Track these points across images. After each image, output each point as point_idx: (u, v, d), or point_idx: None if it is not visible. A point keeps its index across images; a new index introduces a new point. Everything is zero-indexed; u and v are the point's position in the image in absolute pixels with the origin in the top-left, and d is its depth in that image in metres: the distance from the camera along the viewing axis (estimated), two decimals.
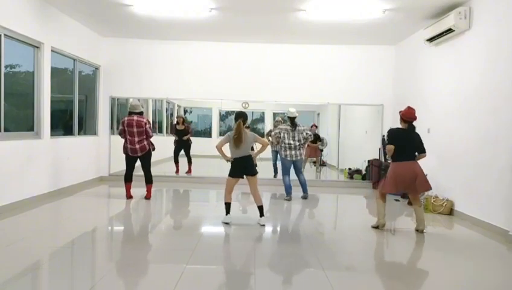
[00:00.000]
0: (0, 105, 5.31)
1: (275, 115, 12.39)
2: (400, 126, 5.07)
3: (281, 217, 6.08)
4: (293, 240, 4.71)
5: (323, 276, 3.43)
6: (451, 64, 6.23)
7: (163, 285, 3.15)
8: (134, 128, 6.19)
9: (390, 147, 4.89)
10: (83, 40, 7.66)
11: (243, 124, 4.92)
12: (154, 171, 6.67)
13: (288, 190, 6.90)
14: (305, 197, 7.00)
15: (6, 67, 5.52)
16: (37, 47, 6.18)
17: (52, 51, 6.49)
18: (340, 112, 9.42)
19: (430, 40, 6.56)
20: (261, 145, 5.19)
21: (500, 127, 4.99)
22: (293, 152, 6.81)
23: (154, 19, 7.03)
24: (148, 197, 6.45)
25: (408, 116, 4.92)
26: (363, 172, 8.95)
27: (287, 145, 6.80)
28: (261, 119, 13.67)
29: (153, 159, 6.68)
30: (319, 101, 9.20)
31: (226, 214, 5.05)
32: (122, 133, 6.30)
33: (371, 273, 3.73)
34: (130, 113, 6.29)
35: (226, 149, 5.03)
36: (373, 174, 8.52)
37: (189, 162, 9.18)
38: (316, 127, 10.56)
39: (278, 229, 5.32)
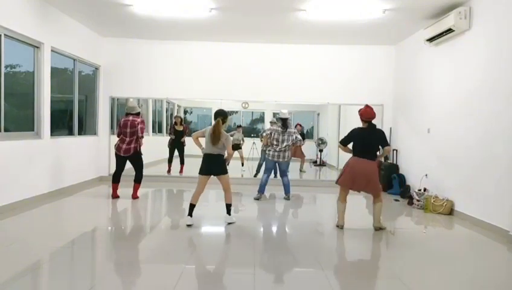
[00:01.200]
0: (0, 105, 5.31)
1: (274, 115, 12.42)
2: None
3: (281, 216, 6.08)
4: (293, 240, 4.71)
5: (322, 276, 3.43)
6: (451, 65, 6.23)
7: (163, 285, 3.15)
8: (128, 129, 6.20)
9: (341, 146, 5.03)
10: (83, 40, 7.66)
11: (222, 123, 4.85)
12: (152, 171, 6.68)
13: (261, 188, 6.90)
14: (287, 198, 6.94)
15: (6, 67, 5.52)
16: (37, 47, 6.18)
17: (52, 51, 6.49)
18: (340, 112, 9.42)
19: (430, 40, 6.56)
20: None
21: (500, 127, 4.99)
22: (277, 153, 6.78)
23: (154, 19, 7.03)
24: (135, 197, 6.43)
25: (366, 115, 4.88)
26: None
27: (273, 146, 6.79)
28: (261, 119, 13.69)
29: (152, 159, 6.70)
30: (319, 101, 9.19)
31: (188, 215, 4.93)
32: (120, 135, 6.32)
33: (371, 273, 3.73)
34: (127, 114, 6.32)
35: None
36: None
37: (182, 162, 9.34)
38: (301, 126, 10.68)
39: (278, 229, 5.33)
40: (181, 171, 9.30)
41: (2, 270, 3.33)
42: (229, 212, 5.08)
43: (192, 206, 4.94)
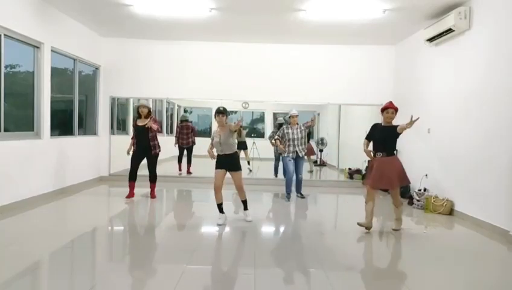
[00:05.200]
0: (0, 105, 5.31)
1: (275, 115, 12.40)
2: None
3: (281, 216, 6.08)
4: (293, 240, 4.71)
5: (323, 276, 3.43)
6: (451, 64, 6.23)
7: (163, 285, 3.15)
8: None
9: None
10: (83, 40, 7.66)
11: None
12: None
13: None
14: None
15: (6, 67, 5.52)
16: (37, 47, 6.18)
17: (52, 51, 6.49)
18: (340, 112, 9.41)
19: (430, 40, 6.56)
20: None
21: (500, 127, 4.99)
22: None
23: (154, 19, 7.03)
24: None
25: None
26: (363, 172, 8.94)
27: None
28: (261, 119, 13.68)
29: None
30: (319, 101, 9.19)
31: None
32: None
33: (371, 273, 3.73)
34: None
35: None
36: None
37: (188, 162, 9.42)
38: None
39: (278, 229, 5.33)
40: (188, 171, 9.29)
41: (2, 270, 3.32)
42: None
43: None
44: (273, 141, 7.22)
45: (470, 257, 4.23)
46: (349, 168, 9.31)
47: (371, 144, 5.10)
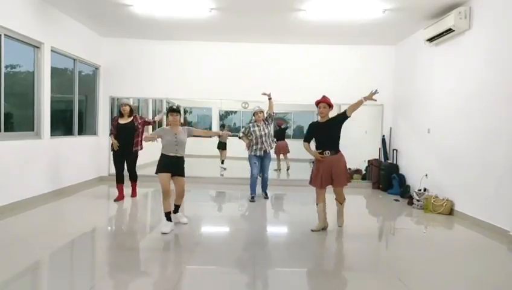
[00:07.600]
0: (0, 105, 5.32)
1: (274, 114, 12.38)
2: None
3: (280, 217, 6.08)
4: (293, 240, 4.71)
5: (322, 276, 3.43)
6: (451, 64, 6.23)
7: (163, 285, 3.15)
8: None
9: None
10: (83, 40, 7.66)
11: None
12: (153, 171, 6.67)
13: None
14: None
15: (6, 67, 5.52)
16: (37, 47, 6.18)
17: (52, 51, 6.49)
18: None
19: (430, 40, 6.56)
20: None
21: (500, 127, 4.99)
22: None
23: (155, 19, 7.03)
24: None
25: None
26: (363, 172, 8.95)
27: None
28: None
29: (152, 159, 6.70)
30: None
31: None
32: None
33: (371, 273, 3.73)
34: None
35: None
36: (373, 175, 8.53)
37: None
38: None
39: (277, 229, 5.33)
40: None
41: (2, 270, 3.32)
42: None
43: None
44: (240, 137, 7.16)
45: (470, 257, 4.23)
46: (349, 168, 9.28)
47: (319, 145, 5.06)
